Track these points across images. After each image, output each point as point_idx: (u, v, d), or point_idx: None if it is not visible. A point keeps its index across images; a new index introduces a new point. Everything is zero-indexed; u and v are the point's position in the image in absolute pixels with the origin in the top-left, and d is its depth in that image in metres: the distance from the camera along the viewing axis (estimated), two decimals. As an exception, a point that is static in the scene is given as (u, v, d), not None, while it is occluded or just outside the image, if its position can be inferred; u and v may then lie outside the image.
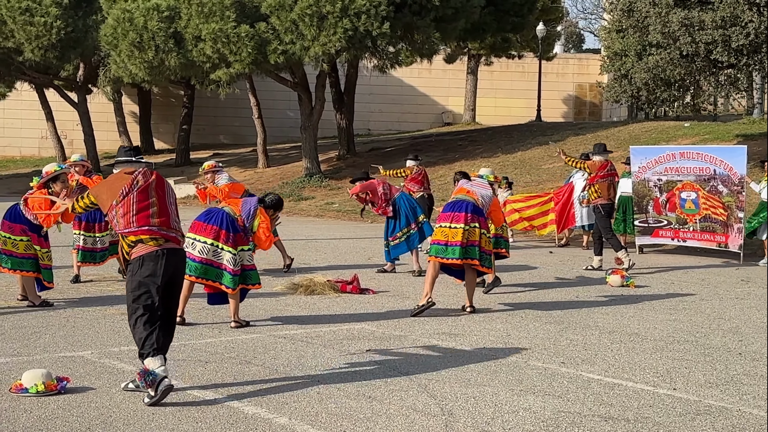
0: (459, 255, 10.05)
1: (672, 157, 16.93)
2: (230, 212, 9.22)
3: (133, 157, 6.98)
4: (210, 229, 9.03)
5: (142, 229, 6.60)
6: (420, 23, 27.11)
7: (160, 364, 6.27)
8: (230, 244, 9.01)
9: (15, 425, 5.71)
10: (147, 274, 6.54)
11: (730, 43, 20.06)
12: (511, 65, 47.79)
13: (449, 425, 5.93)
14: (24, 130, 47.36)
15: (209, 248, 8.97)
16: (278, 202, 10.08)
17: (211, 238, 9.00)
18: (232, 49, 26.91)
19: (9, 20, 35.17)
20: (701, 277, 14.02)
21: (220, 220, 9.10)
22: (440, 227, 10.32)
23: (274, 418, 5.99)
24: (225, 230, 9.03)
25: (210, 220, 9.12)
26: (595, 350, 8.41)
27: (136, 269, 6.59)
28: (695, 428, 6.01)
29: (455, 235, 10.10)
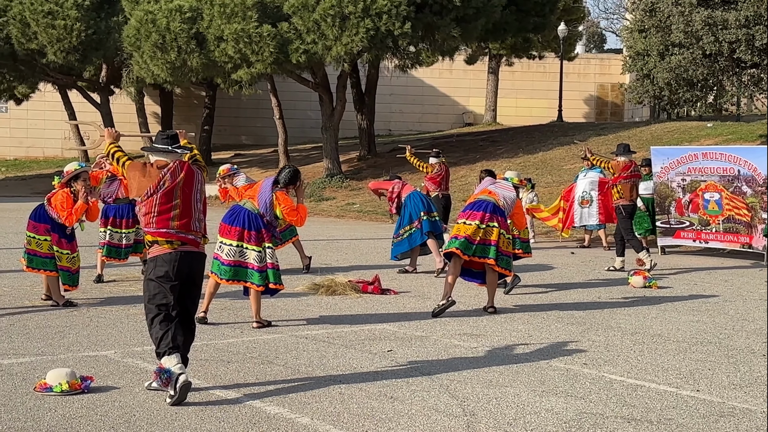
0: (459, 245, 10.04)
1: (695, 157, 16.84)
2: (252, 208, 9.25)
3: (170, 146, 6.87)
4: (234, 231, 9.09)
5: (159, 231, 6.64)
6: (440, 23, 27.07)
7: (177, 362, 6.30)
8: (254, 242, 9.07)
9: (39, 424, 5.75)
10: (161, 275, 6.59)
11: (753, 42, 19.94)
12: (532, 65, 47.63)
13: (471, 426, 5.92)
14: (47, 131, 47.65)
15: (235, 250, 9.06)
16: (292, 177, 9.51)
17: (237, 240, 9.07)
18: (254, 50, 26.98)
19: (32, 23, 35.44)
20: (724, 278, 13.94)
21: (243, 219, 9.14)
22: (456, 224, 10.44)
23: (296, 418, 6.01)
24: (248, 230, 9.09)
25: (234, 221, 9.16)
26: (617, 351, 8.38)
27: (151, 269, 6.68)
28: (719, 430, 5.98)
29: (466, 231, 10.13)
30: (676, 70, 21.93)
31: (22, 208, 10.93)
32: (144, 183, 6.68)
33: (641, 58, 23.57)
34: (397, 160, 32.66)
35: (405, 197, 13.61)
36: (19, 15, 36.05)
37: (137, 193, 6.70)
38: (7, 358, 7.56)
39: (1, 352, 7.79)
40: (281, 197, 9.30)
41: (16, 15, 36.23)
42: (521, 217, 11.24)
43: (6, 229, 19.27)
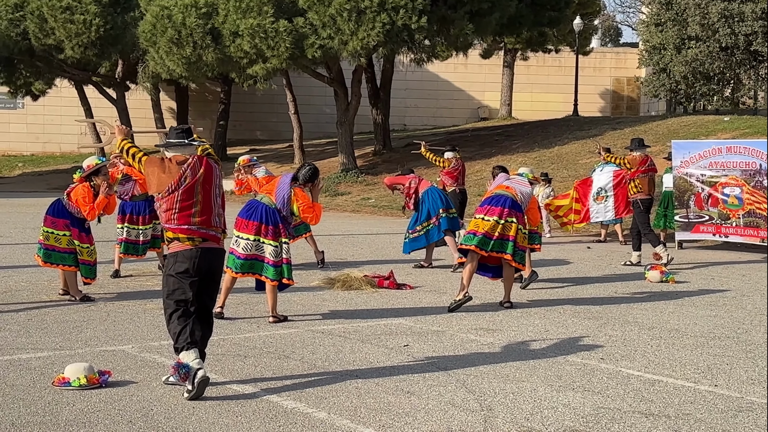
0: (477, 243, 10.04)
1: (718, 151, 16.74)
2: (269, 203, 9.29)
3: (185, 140, 6.84)
4: (252, 225, 9.15)
5: (181, 228, 6.63)
6: (455, 17, 27.05)
7: (195, 357, 6.32)
8: (270, 237, 9.12)
9: (58, 418, 5.78)
10: (181, 271, 6.59)
11: (771, 36, 19.77)
12: (547, 60, 47.52)
13: (488, 421, 5.91)
14: (63, 127, 47.83)
15: (252, 244, 9.11)
16: (312, 174, 9.58)
17: (254, 234, 9.13)
18: (270, 45, 27.00)
19: (50, 18, 35.59)
20: (742, 272, 13.87)
21: (261, 214, 9.19)
22: (474, 219, 10.40)
23: (313, 412, 6.01)
24: (265, 224, 9.14)
25: (251, 216, 9.21)
26: (634, 346, 8.35)
27: (171, 265, 6.67)
28: (737, 425, 5.95)
29: (484, 227, 10.13)
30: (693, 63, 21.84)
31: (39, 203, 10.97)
32: (164, 179, 6.63)
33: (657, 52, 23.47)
34: (412, 155, 32.61)
35: (422, 193, 13.59)
36: (37, 10, 36.21)
37: (157, 189, 6.66)
38: (26, 352, 7.60)
39: (19, 346, 7.83)
40: (299, 194, 9.34)
41: (33, 10, 36.39)
42: (536, 213, 11.25)
43: (24, 224, 19.37)
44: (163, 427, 5.63)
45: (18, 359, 7.34)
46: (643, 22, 31.38)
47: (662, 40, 23.18)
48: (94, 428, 5.58)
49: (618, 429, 5.79)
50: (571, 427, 5.82)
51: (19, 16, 37.38)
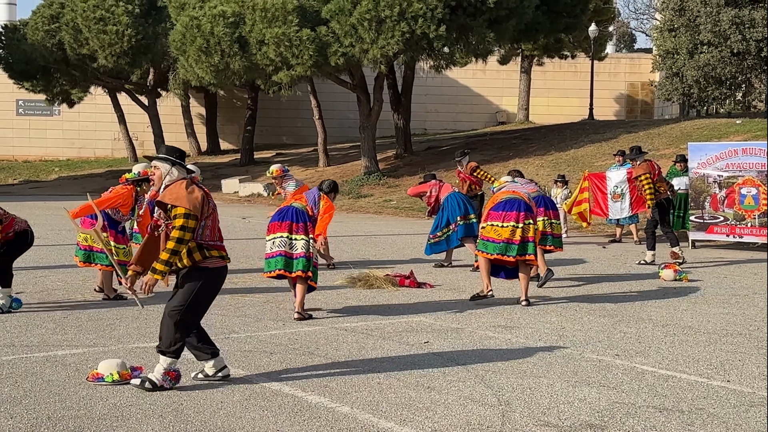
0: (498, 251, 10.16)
1: (734, 153, 16.66)
2: (299, 206, 9.58)
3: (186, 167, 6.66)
4: (285, 225, 9.37)
5: (218, 244, 6.54)
6: (474, 24, 27.01)
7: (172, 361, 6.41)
8: (301, 232, 9.33)
9: (92, 412, 5.81)
10: (214, 292, 6.52)
11: (781, 41, 19.63)
12: (563, 65, 47.37)
13: (506, 415, 5.90)
14: (98, 132, 48.21)
15: (285, 241, 9.30)
16: (334, 186, 10.49)
17: (287, 232, 9.32)
18: (294, 53, 27.08)
19: (84, 29, 35.89)
20: (754, 271, 13.77)
21: (291, 214, 9.44)
22: (489, 225, 10.36)
23: (336, 407, 6.01)
24: (295, 222, 9.36)
25: (284, 217, 9.46)
26: (648, 343, 8.31)
27: (210, 280, 6.46)
28: (749, 419, 5.90)
29: (502, 234, 10.17)
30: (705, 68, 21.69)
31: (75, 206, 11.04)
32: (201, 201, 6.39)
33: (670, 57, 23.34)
34: (433, 158, 32.67)
35: (444, 199, 13.56)
36: (72, 22, 36.54)
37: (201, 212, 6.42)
38: (61, 349, 7.65)
39: (55, 343, 7.88)
40: (324, 197, 9.95)
41: (68, 21, 36.72)
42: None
43: (60, 226, 19.49)
44: (192, 421, 5.65)
45: (54, 356, 7.39)
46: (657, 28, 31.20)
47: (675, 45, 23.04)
48: (127, 422, 5.61)
49: (633, 423, 5.76)
50: (586, 421, 5.80)
51: (54, 27, 37.75)
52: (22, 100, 47.72)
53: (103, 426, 5.53)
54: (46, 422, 5.57)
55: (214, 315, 9.33)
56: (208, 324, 8.81)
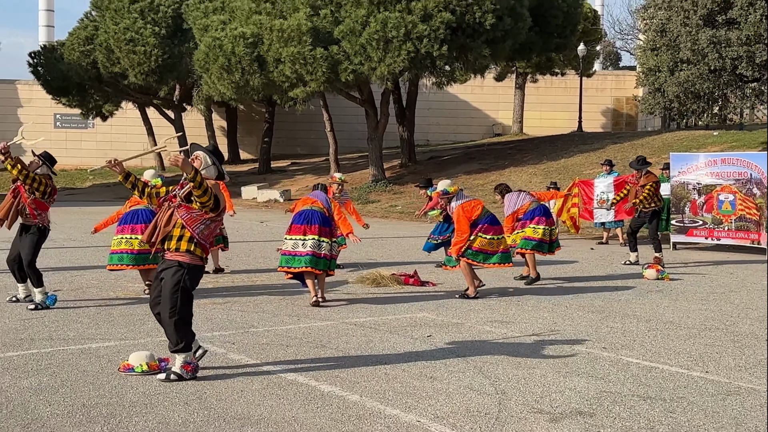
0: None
1: (714, 162, 16.68)
2: (319, 210, 9.99)
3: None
4: (315, 228, 9.78)
5: (205, 246, 6.46)
6: (473, 44, 27.02)
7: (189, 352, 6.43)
8: (326, 236, 9.83)
9: (123, 400, 5.82)
10: (191, 286, 6.43)
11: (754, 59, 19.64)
12: (554, 82, 47.37)
13: (502, 403, 5.89)
14: (128, 144, 48.29)
15: (316, 243, 9.71)
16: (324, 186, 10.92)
17: (317, 235, 9.75)
18: (308, 70, 27.12)
19: (116, 49, 36.00)
20: (730, 270, 13.74)
21: (318, 218, 9.88)
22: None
23: (347, 395, 6.01)
24: (323, 225, 9.84)
25: (312, 221, 9.83)
26: (633, 337, 8.30)
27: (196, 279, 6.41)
28: (726, 407, 5.89)
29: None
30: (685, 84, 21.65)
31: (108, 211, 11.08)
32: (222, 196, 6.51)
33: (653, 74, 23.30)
34: (435, 167, 32.66)
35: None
36: (105, 43, 36.66)
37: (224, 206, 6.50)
38: (95, 342, 7.67)
39: (89, 337, 7.90)
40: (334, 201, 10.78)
41: (102, 42, 36.84)
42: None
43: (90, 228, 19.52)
44: (215, 408, 5.65)
45: (88, 348, 7.41)
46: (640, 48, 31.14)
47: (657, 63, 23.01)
48: (155, 409, 5.62)
49: (619, 411, 5.75)
50: (576, 409, 5.79)
51: (89, 47, 37.90)
52: (59, 114, 47.90)
53: (133, 412, 5.54)
54: (81, 409, 5.58)
55: (235, 311, 9.35)
56: (229, 319, 8.85)
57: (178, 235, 6.34)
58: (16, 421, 5.31)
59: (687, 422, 5.53)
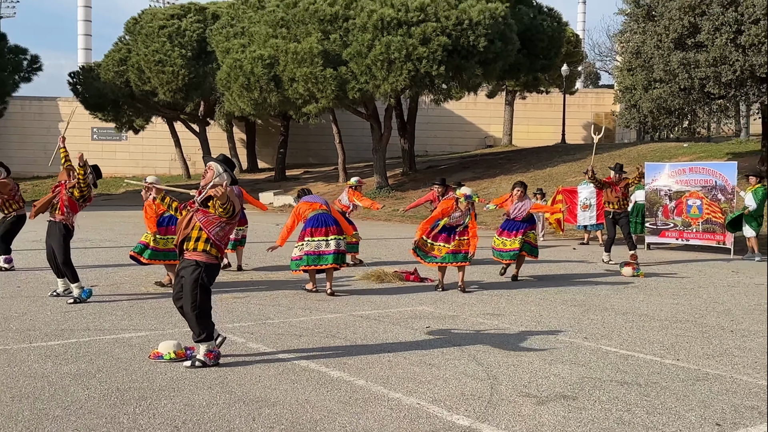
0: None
1: (683, 171, 16.68)
2: (328, 212, 10.33)
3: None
4: (334, 228, 10.12)
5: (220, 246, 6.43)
6: (467, 65, 27.04)
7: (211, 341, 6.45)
8: (340, 233, 10.17)
9: (153, 384, 5.82)
10: (211, 282, 6.44)
11: (720, 79, 19.61)
12: (540, 98, 47.35)
13: (494, 387, 5.89)
14: (158, 154, 48.39)
15: (337, 241, 10.05)
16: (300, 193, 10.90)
17: (337, 234, 10.09)
18: (320, 88, 27.15)
19: (146, 70, 36.08)
20: (699, 268, 13.72)
21: (332, 220, 10.22)
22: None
23: (354, 380, 6.01)
24: (336, 226, 10.18)
25: (328, 223, 10.14)
26: (611, 328, 8.28)
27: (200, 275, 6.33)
28: (695, 392, 5.87)
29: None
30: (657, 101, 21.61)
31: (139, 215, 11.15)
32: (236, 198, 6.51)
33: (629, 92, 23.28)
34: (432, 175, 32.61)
35: None
36: (136, 64, 36.74)
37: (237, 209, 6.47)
38: (128, 332, 7.68)
39: (123, 327, 7.91)
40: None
41: (134, 63, 36.93)
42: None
43: (126, 231, 19.58)
44: (236, 391, 5.66)
45: (122, 337, 7.41)
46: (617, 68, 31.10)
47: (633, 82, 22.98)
48: (181, 392, 5.62)
49: (599, 395, 5.74)
50: (560, 393, 5.78)
51: (122, 68, 37.99)
52: (96, 128, 47.97)
53: (162, 395, 5.54)
54: (115, 392, 5.59)
55: (254, 305, 9.35)
56: (248, 312, 8.85)
57: (196, 236, 6.37)
58: (57, 404, 5.32)
59: (660, 405, 5.52)
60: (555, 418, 5.18)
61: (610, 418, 5.21)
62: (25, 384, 5.76)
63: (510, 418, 5.17)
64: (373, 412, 5.23)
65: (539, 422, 5.09)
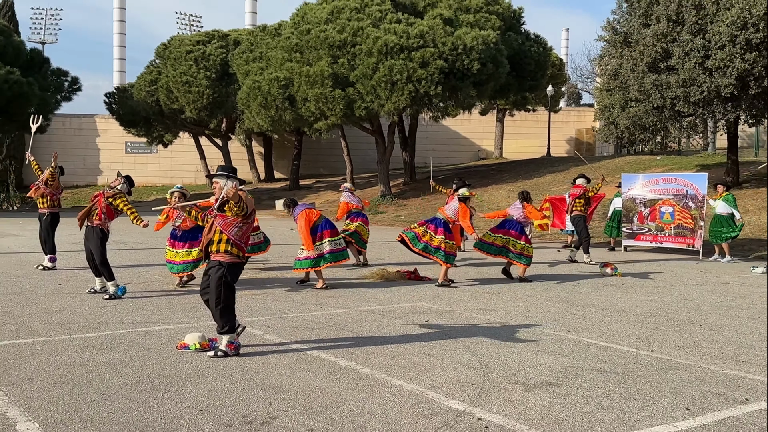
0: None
1: (657, 181, 16.66)
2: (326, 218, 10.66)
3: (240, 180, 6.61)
4: (337, 230, 10.66)
5: (243, 246, 6.44)
6: (462, 86, 27.05)
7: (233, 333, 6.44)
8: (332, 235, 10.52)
9: (180, 371, 5.83)
10: (235, 280, 6.43)
11: (689, 98, 19.60)
12: (528, 116, 47.33)
13: (486, 375, 5.88)
14: (184, 166, 48.42)
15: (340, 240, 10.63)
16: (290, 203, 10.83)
17: (339, 235, 10.62)
18: (329, 107, 27.18)
19: (175, 90, 36.17)
20: (671, 269, 13.68)
21: (331, 224, 10.63)
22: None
23: (360, 368, 6.01)
24: (334, 229, 10.61)
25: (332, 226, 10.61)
26: (592, 322, 8.26)
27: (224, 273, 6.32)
28: (667, 380, 5.86)
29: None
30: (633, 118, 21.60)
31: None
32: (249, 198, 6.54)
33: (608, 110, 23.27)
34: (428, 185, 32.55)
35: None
36: (165, 84, 36.83)
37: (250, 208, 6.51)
38: (158, 325, 7.68)
39: (153, 321, 7.91)
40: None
41: (163, 84, 37.02)
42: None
43: (156, 234, 19.60)
44: (254, 378, 5.66)
45: (152, 330, 7.42)
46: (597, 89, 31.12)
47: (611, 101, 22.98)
48: (205, 379, 5.62)
49: (581, 382, 5.73)
50: (546, 380, 5.77)
51: (153, 89, 38.08)
52: (129, 142, 48.05)
53: (188, 381, 5.54)
54: (146, 379, 5.59)
55: (270, 300, 9.36)
56: (265, 307, 8.85)
57: (218, 239, 6.41)
58: (93, 389, 5.32)
59: (636, 391, 5.51)
60: (541, 403, 5.17)
61: (591, 403, 5.20)
62: (65, 371, 5.77)
63: (501, 403, 5.16)
64: (378, 398, 5.22)
65: (527, 407, 5.08)
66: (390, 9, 27.83)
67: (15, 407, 4.89)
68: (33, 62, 36.52)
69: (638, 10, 20.89)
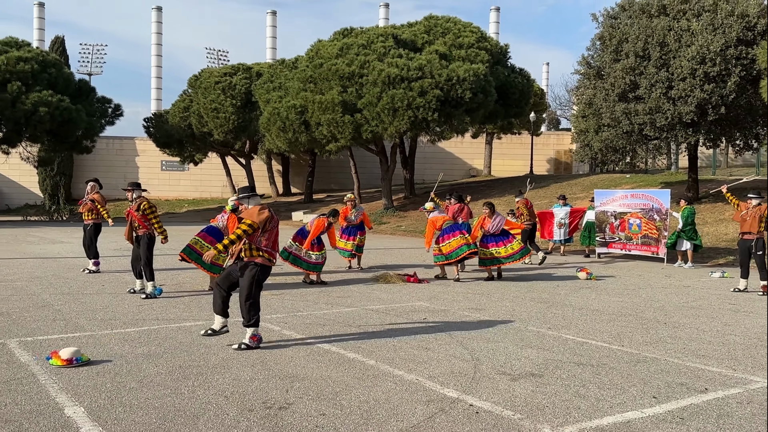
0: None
1: (625, 197, 16.66)
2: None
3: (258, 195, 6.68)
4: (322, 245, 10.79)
5: (272, 252, 6.45)
6: (456, 112, 27.10)
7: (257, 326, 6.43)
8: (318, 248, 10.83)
9: (207, 362, 5.82)
10: (264, 280, 6.45)
11: (655, 124, 19.64)
12: (513, 139, 47.37)
13: (477, 367, 5.86)
14: (212, 181, 48.48)
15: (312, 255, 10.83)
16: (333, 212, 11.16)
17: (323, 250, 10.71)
18: (339, 131, 27.23)
19: (205, 115, 36.29)
20: (639, 273, 13.64)
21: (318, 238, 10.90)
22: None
23: (365, 360, 5.99)
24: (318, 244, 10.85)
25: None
26: (570, 320, 8.24)
27: (263, 273, 6.38)
28: (637, 371, 5.83)
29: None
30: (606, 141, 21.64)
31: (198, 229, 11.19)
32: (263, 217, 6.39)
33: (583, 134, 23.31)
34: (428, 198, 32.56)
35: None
36: (197, 111, 36.94)
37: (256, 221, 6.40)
38: (188, 321, 7.68)
39: (184, 317, 7.91)
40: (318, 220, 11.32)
41: (195, 111, 37.13)
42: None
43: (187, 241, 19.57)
44: (272, 368, 5.65)
45: (183, 326, 7.41)
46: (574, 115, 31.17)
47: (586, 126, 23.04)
48: (230, 369, 5.61)
49: (560, 373, 5.71)
50: (529, 372, 5.75)
51: (185, 114, 38.20)
52: (164, 161, 48.15)
53: (215, 372, 5.53)
54: (178, 369, 5.59)
55: (287, 299, 9.34)
56: (282, 306, 8.84)
57: (248, 246, 6.42)
58: (132, 377, 5.32)
59: (609, 381, 5.49)
60: (525, 391, 5.15)
61: (569, 391, 5.18)
62: (107, 362, 5.76)
63: (490, 391, 5.14)
64: (381, 386, 5.21)
65: (513, 395, 5.06)
66: (393, 45, 27.95)
67: (63, 393, 4.90)
68: (81, 91, 36.69)
69: (609, 47, 20.97)
